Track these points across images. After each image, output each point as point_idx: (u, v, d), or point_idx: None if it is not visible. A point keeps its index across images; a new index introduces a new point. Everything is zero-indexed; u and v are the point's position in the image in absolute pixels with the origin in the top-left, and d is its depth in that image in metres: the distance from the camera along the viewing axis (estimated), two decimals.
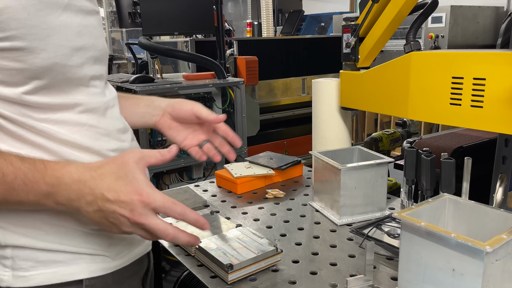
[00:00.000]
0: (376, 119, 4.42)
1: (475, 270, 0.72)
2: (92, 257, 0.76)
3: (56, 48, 0.70)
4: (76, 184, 0.67)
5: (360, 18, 1.43)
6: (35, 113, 0.70)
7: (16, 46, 0.66)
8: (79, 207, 0.68)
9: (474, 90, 1.10)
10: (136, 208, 0.67)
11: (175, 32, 2.74)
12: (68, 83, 0.73)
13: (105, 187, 0.67)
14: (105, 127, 0.79)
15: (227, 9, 6.21)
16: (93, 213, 0.68)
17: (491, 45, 3.45)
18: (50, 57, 0.69)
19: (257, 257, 0.96)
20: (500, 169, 1.52)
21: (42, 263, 0.72)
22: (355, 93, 1.45)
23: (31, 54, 0.67)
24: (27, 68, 0.68)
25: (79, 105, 0.75)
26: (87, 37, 0.76)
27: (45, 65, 0.69)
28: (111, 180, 0.68)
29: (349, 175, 1.19)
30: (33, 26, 0.67)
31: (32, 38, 0.67)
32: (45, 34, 0.68)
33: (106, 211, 0.67)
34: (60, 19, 0.71)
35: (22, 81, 0.68)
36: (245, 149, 2.74)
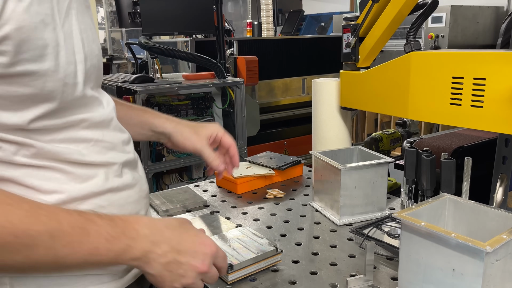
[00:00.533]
0: (376, 119, 4.42)
1: (475, 270, 0.72)
2: (99, 277, 0.71)
3: (65, 67, 0.64)
4: (153, 233, 0.68)
5: (360, 18, 1.43)
6: (40, 135, 0.65)
7: (29, 70, 0.59)
8: (152, 259, 0.67)
9: (474, 90, 1.10)
10: (207, 259, 0.72)
11: (175, 32, 2.75)
12: (74, 101, 0.68)
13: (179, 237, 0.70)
14: (110, 140, 0.76)
15: (227, 9, 6.21)
16: (163, 266, 0.68)
17: (491, 45, 3.45)
18: (60, 78, 0.63)
19: (257, 257, 0.96)
20: (500, 169, 1.52)
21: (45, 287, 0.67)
22: (355, 93, 1.45)
23: (42, 77, 0.61)
24: (37, 93, 0.61)
25: (85, 121, 0.71)
26: (86, 43, 0.70)
27: (56, 88, 0.63)
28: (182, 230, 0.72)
29: (349, 175, 1.19)
30: (44, 46, 0.60)
31: (44, 59, 0.60)
32: (56, 53, 0.62)
33: (178, 263, 0.69)
34: (63, 29, 0.64)
35: (30, 107, 0.62)
36: (245, 149, 2.74)
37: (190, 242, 0.71)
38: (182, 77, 2.78)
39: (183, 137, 0.99)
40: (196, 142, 0.98)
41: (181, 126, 1.00)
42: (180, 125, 1.00)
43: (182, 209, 1.35)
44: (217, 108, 2.78)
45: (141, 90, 2.31)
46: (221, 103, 2.80)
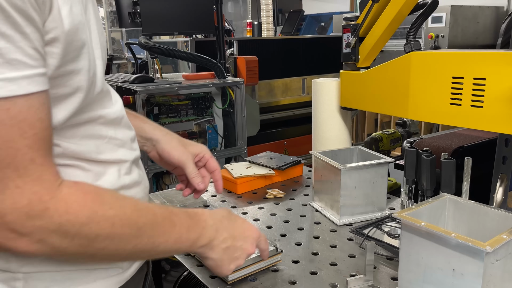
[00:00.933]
0: (376, 119, 4.42)
1: (475, 270, 0.72)
2: (106, 271, 0.72)
3: (92, 64, 0.65)
4: (216, 223, 0.78)
5: (360, 18, 1.42)
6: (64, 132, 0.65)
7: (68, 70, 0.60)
8: (216, 245, 0.77)
9: (474, 90, 1.10)
10: (254, 242, 0.84)
11: (175, 32, 2.74)
12: (95, 96, 0.69)
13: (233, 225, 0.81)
14: (121, 138, 0.76)
15: (227, 9, 6.21)
16: (223, 250, 0.79)
17: (491, 45, 3.45)
18: (90, 76, 0.64)
19: (257, 257, 0.96)
20: (500, 169, 1.52)
21: (58, 281, 0.67)
22: (355, 93, 1.45)
23: (77, 76, 0.62)
24: (70, 92, 0.62)
25: (102, 117, 0.71)
26: (100, 36, 0.71)
27: (85, 85, 0.64)
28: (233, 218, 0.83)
29: (349, 175, 1.19)
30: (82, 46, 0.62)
31: (81, 58, 0.62)
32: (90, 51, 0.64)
33: (235, 247, 0.80)
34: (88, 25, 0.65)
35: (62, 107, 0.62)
36: (245, 149, 2.74)
37: (241, 229, 0.82)
38: (182, 77, 2.78)
39: (170, 146, 0.97)
40: (182, 154, 0.98)
41: (170, 136, 0.99)
42: (169, 135, 0.99)
43: None
44: (217, 108, 2.78)
45: (141, 90, 2.31)
46: (221, 103, 2.80)
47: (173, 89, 2.45)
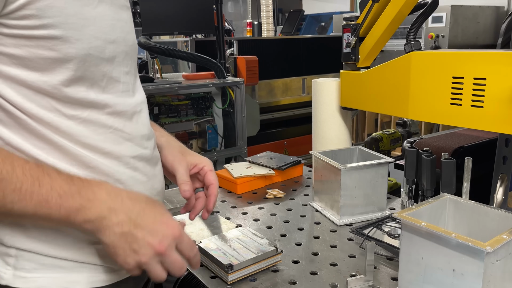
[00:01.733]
0: (377, 119, 4.42)
1: (476, 270, 0.72)
2: (95, 267, 0.74)
3: (90, 39, 0.69)
4: (113, 200, 0.67)
5: (360, 18, 1.42)
6: (65, 107, 0.69)
7: (52, 35, 0.65)
8: (106, 226, 0.66)
9: (475, 90, 1.10)
10: (166, 240, 0.68)
11: (175, 32, 2.74)
12: (101, 77, 0.73)
13: (140, 211, 0.68)
14: (129, 132, 0.77)
15: (227, 8, 6.21)
16: (118, 236, 0.66)
17: (491, 45, 3.45)
18: (84, 47, 0.68)
19: (257, 257, 0.96)
20: (500, 169, 1.52)
21: (46, 266, 0.71)
22: (355, 93, 1.45)
23: (66, 43, 0.66)
24: (61, 57, 0.67)
25: (109, 106, 0.74)
26: (119, 30, 0.76)
27: (79, 55, 0.68)
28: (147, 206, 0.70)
29: (349, 175, 1.19)
30: (70, 15, 0.66)
31: (68, 27, 0.66)
32: (81, 24, 0.68)
33: (133, 237, 0.66)
34: (96, 10, 0.71)
35: (56, 71, 0.67)
36: (245, 149, 2.74)
37: (152, 218, 0.69)
38: (182, 77, 2.78)
39: (168, 152, 0.94)
40: (176, 160, 0.93)
41: (174, 143, 0.97)
42: (173, 142, 0.97)
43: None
44: (217, 108, 2.78)
45: None
46: (221, 103, 2.80)
47: (173, 89, 2.45)
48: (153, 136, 0.87)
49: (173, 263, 0.70)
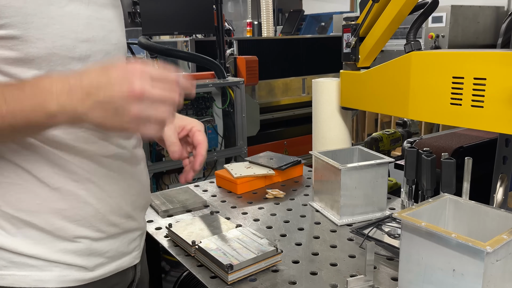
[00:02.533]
0: (377, 119, 4.42)
1: (476, 270, 0.72)
2: (67, 267, 0.74)
3: (55, 38, 0.68)
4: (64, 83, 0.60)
5: (360, 18, 1.42)
6: None
7: (10, 35, 0.64)
8: (74, 108, 0.59)
9: (475, 90, 1.10)
10: (135, 79, 0.59)
11: (175, 32, 2.74)
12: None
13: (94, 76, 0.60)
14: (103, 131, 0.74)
15: (227, 8, 6.21)
16: (92, 110, 0.59)
17: (491, 45, 3.45)
18: (47, 47, 0.67)
19: (257, 257, 0.96)
20: (500, 169, 1.51)
21: (15, 264, 0.71)
22: (355, 93, 1.45)
23: (26, 43, 0.65)
24: (22, 57, 0.66)
25: None
26: (98, 29, 0.74)
27: (41, 55, 0.67)
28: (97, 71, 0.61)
29: (349, 175, 1.19)
30: (29, 15, 0.65)
31: (27, 27, 0.65)
32: (43, 24, 0.66)
33: (104, 99, 0.59)
34: (65, 9, 0.69)
35: (19, 71, 0.66)
36: (245, 149, 2.74)
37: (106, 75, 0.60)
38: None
39: None
40: None
41: None
42: None
43: (182, 209, 1.35)
44: (217, 108, 2.78)
45: None
46: (221, 103, 2.79)
47: None
48: (132, 136, 0.84)
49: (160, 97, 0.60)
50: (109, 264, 0.80)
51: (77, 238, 0.74)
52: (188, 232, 1.11)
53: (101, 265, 0.78)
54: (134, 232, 0.85)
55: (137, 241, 0.87)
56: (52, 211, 0.72)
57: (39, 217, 0.71)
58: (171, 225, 1.15)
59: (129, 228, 0.83)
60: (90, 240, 0.75)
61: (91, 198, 0.75)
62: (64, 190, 0.72)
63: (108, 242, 0.78)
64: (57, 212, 0.72)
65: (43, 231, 0.71)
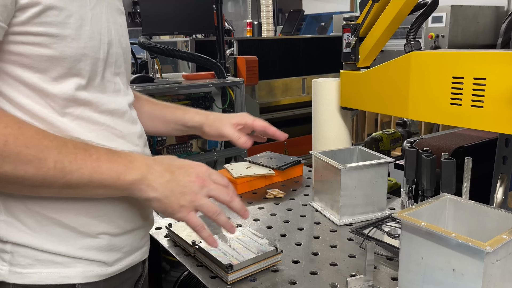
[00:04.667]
0: (376, 119, 4.42)
1: (476, 270, 0.72)
2: (90, 262, 0.76)
3: (86, 39, 0.71)
4: (147, 160, 0.74)
5: (360, 18, 1.42)
6: (58, 105, 0.71)
7: (50, 33, 0.67)
8: (152, 180, 0.72)
9: (475, 90, 1.10)
10: (201, 173, 0.76)
11: (175, 32, 2.74)
12: (94, 76, 0.75)
13: (168, 162, 0.76)
14: (121, 129, 0.80)
15: (227, 8, 6.21)
16: (166, 185, 0.72)
17: (491, 45, 3.45)
18: (80, 47, 0.70)
19: (257, 257, 0.96)
20: (500, 169, 1.51)
21: (41, 262, 0.72)
22: (355, 93, 1.45)
23: (62, 41, 0.68)
24: (57, 55, 0.68)
25: (101, 105, 0.76)
26: (113, 33, 0.79)
27: (74, 55, 0.70)
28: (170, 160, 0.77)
29: (349, 175, 1.19)
30: (68, 15, 0.68)
31: (66, 26, 0.68)
32: (78, 24, 0.70)
33: (176, 181, 0.73)
34: (93, 11, 0.73)
35: (51, 68, 0.69)
36: (245, 149, 2.74)
37: (180, 163, 0.77)
38: (182, 77, 2.77)
39: (209, 127, 1.04)
40: (219, 127, 1.03)
41: (211, 116, 1.05)
42: (210, 115, 1.05)
43: None
44: (217, 108, 2.78)
45: (141, 90, 2.31)
46: (221, 103, 2.79)
47: (173, 89, 2.45)
48: (143, 134, 0.91)
49: (216, 190, 0.76)
50: (125, 258, 0.82)
51: (99, 234, 0.76)
52: (188, 232, 1.11)
53: (118, 260, 0.80)
54: (146, 227, 0.88)
55: (147, 236, 0.90)
56: (77, 207, 0.74)
57: (65, 214, 0.73)
58: (171, 225, 1.15)
59: (142, 223, 0.85)
60: (110, 236, 0.78)
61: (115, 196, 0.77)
62: None
63: (125, 237, 0.81)
64: (81, 208, 0.74)
65: (67, 227, 0.73)
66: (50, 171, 0.64)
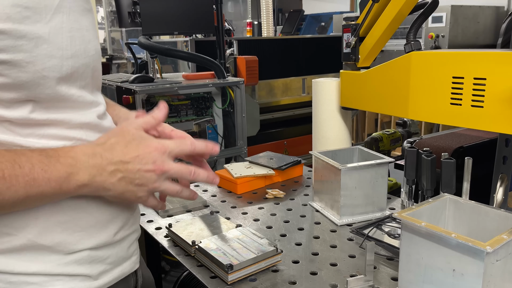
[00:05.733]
0: (377, 119, 4.42)
1: (476, 270, 0.72)
2: (71, 278, 0.69)
3: (44, 60, 0.63)
4: (93, 159, 0.66)
5: (360, 18, 1.42)
6: (18, 128, 0.64)
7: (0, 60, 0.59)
8: (103, 181, 0.66)
9: (475, 90, 1.10)
10: (157, 158, 0.69)
11: (175, 32, 2.74)
12: (57, 96, 0.66)
13: (120, 154, 0.68)
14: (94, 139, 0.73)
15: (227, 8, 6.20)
16: (118, 183, 0.67)
17: (491, 45, 3.45)
18: (37, 70, 0.62)
19: (257, 257, 0.96)
20: (500, 169, 1.51)
21: (14, 284, 0.65)
22: (355, 93, 1.45)
23: (15, 67, 0.60)
24: (10, 82, 0.61)
25: (67, 122, 0.69)
26: (78, 42, 0.69)
27: (31, 79, 0.62)
28: (122, 147, 0.68)
29: (349, 175, 1.19)
30: (18, 37, 0.59)
31: (16, 50, 0.60)
32: (32, 45, 0.61)
33: (130, 173, 0.68)
34: (49, 24, 0.63)
35: (6, 96, 0.61)
36: (245, 149, 2.74)
37: (134, 151, 0.69)
38: (182, 77, 2.77)
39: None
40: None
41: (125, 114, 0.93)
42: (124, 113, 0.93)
43: (182, 209, 1.35)
44: (217, 108, 2.78)
45: (141, 90, 2.31)
46: (221, 103, 2.79)
47: (173, 89, 2.45)
48: None
49: (178, 172, 0.71)
50: (112, 270, 0.76)
51: (77, 252, 0.70)
52: (188, 232, 1.11)
53: (104, 272, 0.74)
54: (131, 235, 0.82)
55: (135, 245, 0.84)
56: (50, 224, 0.67)
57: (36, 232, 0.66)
58: (171, 225, 1.15)
59: (128, 233, 0.80)
60: (89, 250, 0.72)
61: (91, 207, 0.71)
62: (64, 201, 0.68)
63: (107, 248, 0.75)
64: (55, 225, 0.67)
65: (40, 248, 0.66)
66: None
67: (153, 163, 0.69)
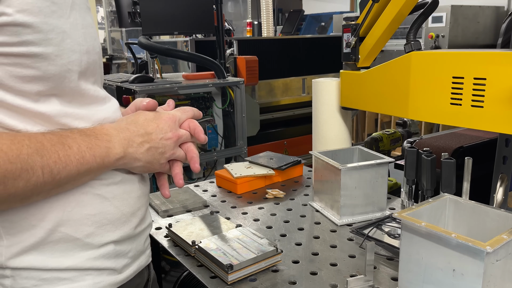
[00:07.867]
0: (377, 119, 4.42)
1: (476, 270, 0.72)
2: (99, 272, 0.72)
3: (69, 54, 0.66)
4: (122, 132, 0.73)
5: (360, 18, 1.42)
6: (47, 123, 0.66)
7: (31, 52, 0.62)
8: (134, 152, 0.73)
9: (475, 90, 1.10)
10: (172, 127, 0.79)
11: (175, 32, 2.74)
12: (78, 90, 0.70)
13: (143, 126, 0.76)
14: None
15: (227, 8, 6.20)
16: (147, 152, 0.74)
17: (491, 45, 3.45)
18: (64, 63, 0.65)
19: (257, 257, 0.96)
20: (500, 169, 1.51)
21: (47, 281, 0.67)
22: (355, 93, 1.45)
23: (45, 60, 0.63)
24: (40, 75, 0.63)
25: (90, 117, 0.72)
26: (89, 38, 0.72)
27: (58, 72, 0.65)
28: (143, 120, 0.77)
29: (349, 175, 1.19)
30: (49, 31, 0.63)
31: (47, 43, 0.63)
32: (59, 39, 0.64)
33: (155, 143, 0.75)
34: (69, 20, 0.67)
35: (35, 89, 0.64)
36: (245, 149, 2.74)
37: (153, 123, 0.77)
38: (182, 77, 2.77)
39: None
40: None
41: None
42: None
43: (182, 209, 1.35)
44: (217, 108, 2.78)
45: (141, 90, 2.31)
46: (221, 103, 2.80)
47: (173, 89, 2.45)
48: None
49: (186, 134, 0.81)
50: (132, 264, 0.79)
51: (104, 244, 0.72)
52: (188, 232, 1.11)
53: (126, 266, 0.77)
54: (147, 229, 0.86)
55: (148, 239, 0.88)
56: (80, 217, 0.69)
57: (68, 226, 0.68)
58: (171, 225, 1.15)
59: (144, 226, 0.83)
60: (114, 243, 0.74)
61: (116, 200, 0.74)
62: (92, 194, 0.71)
63: (129, 242, 0.78)
64: (85, 218, 0.70)
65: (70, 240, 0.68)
66: (40, 178, 0.61)
67: (171, 131, 0.78)
